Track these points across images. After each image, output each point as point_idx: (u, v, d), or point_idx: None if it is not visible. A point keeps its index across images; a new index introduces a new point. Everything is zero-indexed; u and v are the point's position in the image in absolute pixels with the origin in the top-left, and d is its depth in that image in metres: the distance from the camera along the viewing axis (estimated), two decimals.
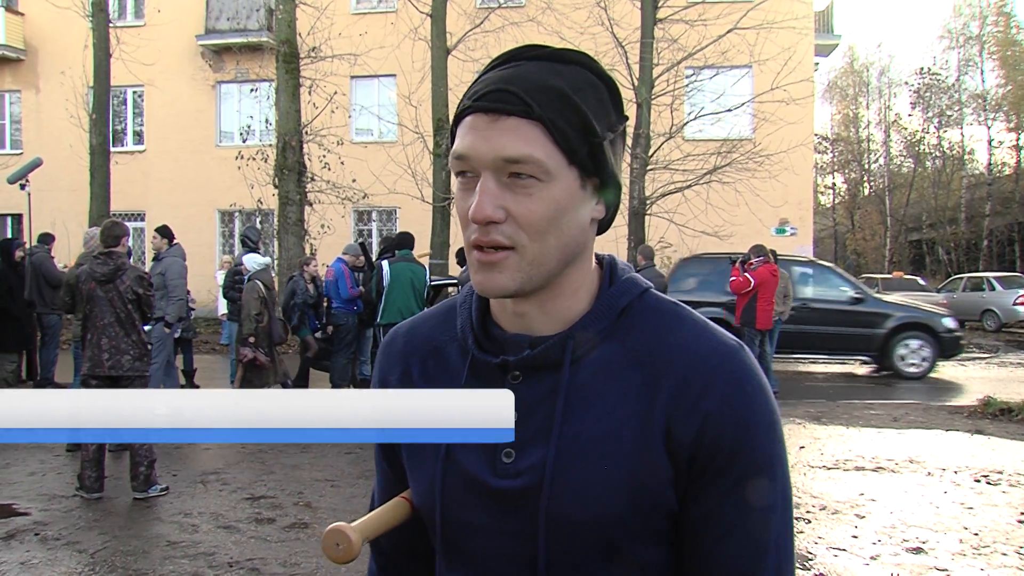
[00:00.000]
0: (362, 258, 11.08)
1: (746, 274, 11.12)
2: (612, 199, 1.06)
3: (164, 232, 9.78)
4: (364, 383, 10.69)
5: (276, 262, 15.56)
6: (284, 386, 10.49)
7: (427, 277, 9.28)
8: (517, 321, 1.08)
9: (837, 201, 53.02)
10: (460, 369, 1.12)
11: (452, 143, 1.04)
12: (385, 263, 9.60)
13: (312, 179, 17.54)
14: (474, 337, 1.11)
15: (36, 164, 13.79)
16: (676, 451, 1.00)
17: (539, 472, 1.02)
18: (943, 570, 4.91)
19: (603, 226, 1.09)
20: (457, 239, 11.87)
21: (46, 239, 11.43)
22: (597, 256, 1.13)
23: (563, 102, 0.98)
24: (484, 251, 1.01)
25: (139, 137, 25.28)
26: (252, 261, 9.88)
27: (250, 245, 10.84)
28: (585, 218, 1.04)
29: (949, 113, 42.77)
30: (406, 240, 9.89)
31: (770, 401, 1.04)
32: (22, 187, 13.10)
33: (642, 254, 11.88)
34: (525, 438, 1.03)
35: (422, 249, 12.55)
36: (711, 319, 1.09)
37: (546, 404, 1.04)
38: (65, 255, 14.58)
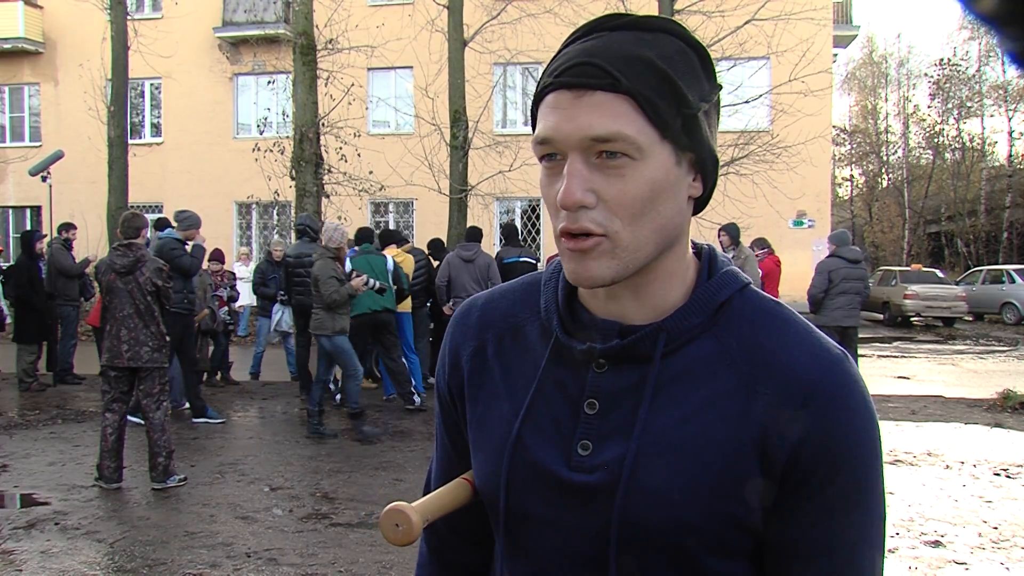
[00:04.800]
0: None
1: None
2: (710, 174, 0.98)
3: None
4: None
5: None
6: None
7: (386, 266, 9.52)
8: (608, 305, 1.01)
9: (855, 193, 52.79)
10: (541, 351, 1.05)
11: (533, 127, 0.96)
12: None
13: (329, 171, 17.57)
14: (559, 319, 1.04)
15: (58, 156, 13.92)
16: (770, 464, 0.93)
17: (616, 469, 0.96)
18: (961, 563, 4.88)
19: (700, 205, 1.01)
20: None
21: (67, 228, 11.48)
22: (694, 244, 1.06)
23: (652, 72, 0.91)
24: (575, 238, 0.93)
25: (157, 129, 25.36)
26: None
27: (310, 234, 10.87)
28: (682, 197, 0.96)
29: (969, 104, 42.43)
30: (363, 235, 10.19)
31: (873, 417, 0.96)
32: (43, 179, 13.23)
33: (727, 232, 10.41)
34: (605, 431, 0.98)
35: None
36: None
37: (632, 397, 0.98)
38: (84, 247, 14.67)
